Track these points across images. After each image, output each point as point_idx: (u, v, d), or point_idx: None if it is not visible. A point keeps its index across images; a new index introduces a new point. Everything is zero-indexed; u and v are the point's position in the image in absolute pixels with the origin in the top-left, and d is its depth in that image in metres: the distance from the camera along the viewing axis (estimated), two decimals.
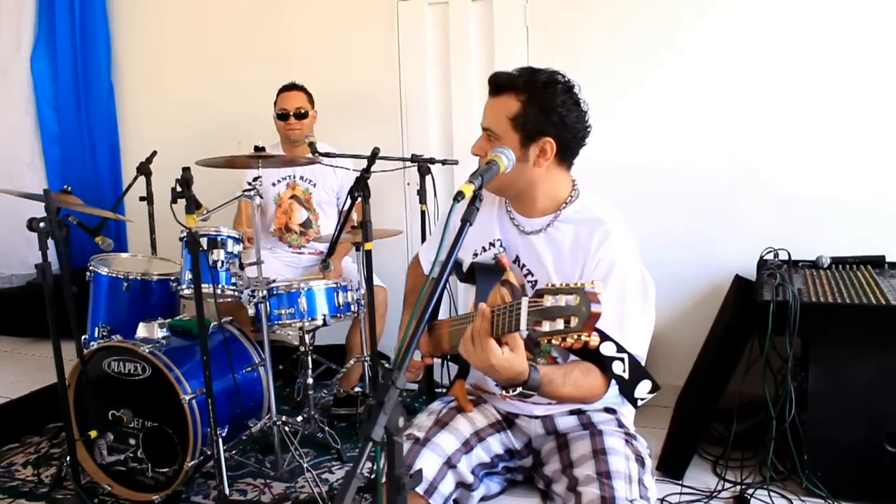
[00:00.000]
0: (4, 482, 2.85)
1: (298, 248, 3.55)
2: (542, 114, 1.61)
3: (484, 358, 1.37)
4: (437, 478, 1.57)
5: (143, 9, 4.39)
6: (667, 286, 3.34)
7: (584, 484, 1.52)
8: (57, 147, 4.64)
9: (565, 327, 1.22)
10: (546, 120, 1.62)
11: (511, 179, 1.65)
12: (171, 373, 2.54)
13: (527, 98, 1.61)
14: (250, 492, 2.73)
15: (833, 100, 3.07)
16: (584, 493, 1.49)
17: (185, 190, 2.29)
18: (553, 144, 1.64)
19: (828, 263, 2.92)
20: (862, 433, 2.44)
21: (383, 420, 1.13)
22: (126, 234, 4.53)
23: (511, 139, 1.62)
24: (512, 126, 1.62)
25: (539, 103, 1.61)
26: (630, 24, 3.32)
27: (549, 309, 1.25)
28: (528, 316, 1.28)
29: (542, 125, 1.62)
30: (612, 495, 1.47)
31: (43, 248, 2.32)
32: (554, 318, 1.24)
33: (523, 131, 1.62)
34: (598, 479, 1.52)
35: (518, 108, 1.61)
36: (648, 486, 1.57)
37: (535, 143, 1.64)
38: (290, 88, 3.49)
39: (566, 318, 1.23)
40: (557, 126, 1.63)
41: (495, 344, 1.36)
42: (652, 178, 3.36)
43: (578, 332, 1.21)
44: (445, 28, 3.63)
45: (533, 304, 1.28)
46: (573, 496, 1.51)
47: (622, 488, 1.50)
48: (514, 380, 1.41)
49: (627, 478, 1.54)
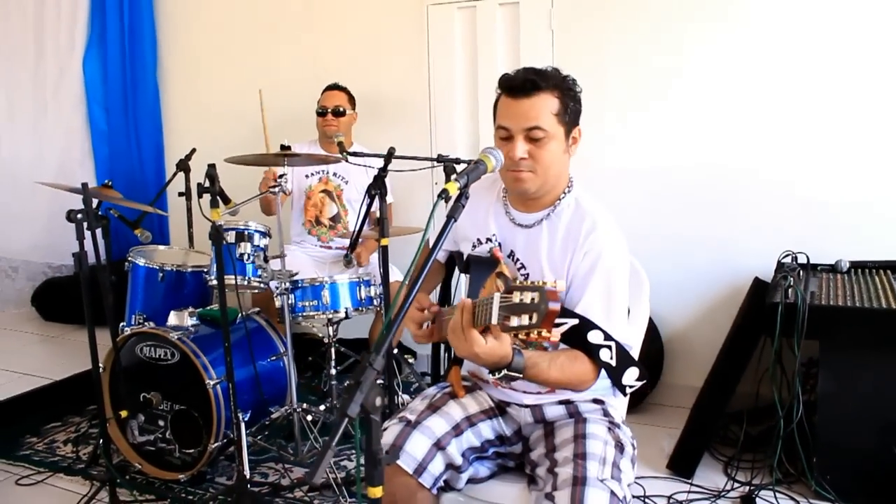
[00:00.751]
0: (46, 457, 3.03)
1: (327, 241, 3.66)
2: (575, 105, 1.73)
3: (468, 347, 1.45)
4: (426, 458, 1.66)
5: (187, 14, 4.58)
6: (688, 288, 3.39)
7: (561, 465, 1.59)
8: (105, 145, 4.86)
9: (529, 322, 1.30)
10: (578, 110, 1.74)
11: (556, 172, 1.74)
12: (197, 359, 2.68)
13: (561, 94, 1.70)
14: (271, 475, 2.85)
15: (855, 104, 3.05)
16: (560, 473, 1.57)
17: (211, 185, 2.41)
18: (580, 132, 1.77)
19: (847, 267, 2.90)
20: (871, 437, 2.44)
21: (360, 398, 1.21)
22: (168, 228, 4.72)
23: (559, 133, 1.71)
24: (557, 121, 1.70)
25: (571, 96, 1.72)
26: (653, 28, 3.34)
27: (517, 305, 1.33)
28: (499, 311, 1.36)
29: (576, 116, 1.74)
30: (584, 475, 1.54)
31: (80, 239, 2.47)
32: (520, 314, 1.32)
33: (565, 124, 1.72)
34: (574, 460, 1.59)
35: (559, 104, 1.70)
36: (623, 469, 1.63)
37: (573, 132, 1.75)
38: (332, 88, 3.62)
39: (529, 314, 1.30)
40: (580, 115, 1.76)
41: (478, 334, 1.44)
42: (674, 181, 3.38)
43: (538, 328, 1.29)
44: (473, 31, 3.70)
45: (504, 300, 1.36)
46: (552, 477, 1.58)
47: (594, 469, 1.57)
48: (497, 364, 1.50)
49: (602, 460, 1.61)
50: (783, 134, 3.18)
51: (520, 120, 1.68)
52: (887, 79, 3.00)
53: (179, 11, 4.61)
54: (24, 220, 5.17)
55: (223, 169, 2.77)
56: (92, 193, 2.54)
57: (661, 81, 3.37)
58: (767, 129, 3.21)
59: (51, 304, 5.01)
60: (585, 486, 1.52)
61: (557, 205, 1.78)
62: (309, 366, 3.88)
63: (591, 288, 1.66)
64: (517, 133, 1.69)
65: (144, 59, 4.65)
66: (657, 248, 3.32)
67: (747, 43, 3.20)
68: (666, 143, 3.39)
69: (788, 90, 3.16)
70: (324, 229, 3.65)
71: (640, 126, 3.42)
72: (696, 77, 3.31)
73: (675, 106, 3.36)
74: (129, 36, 4.66)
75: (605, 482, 1.54)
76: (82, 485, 2.80)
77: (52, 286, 5.03)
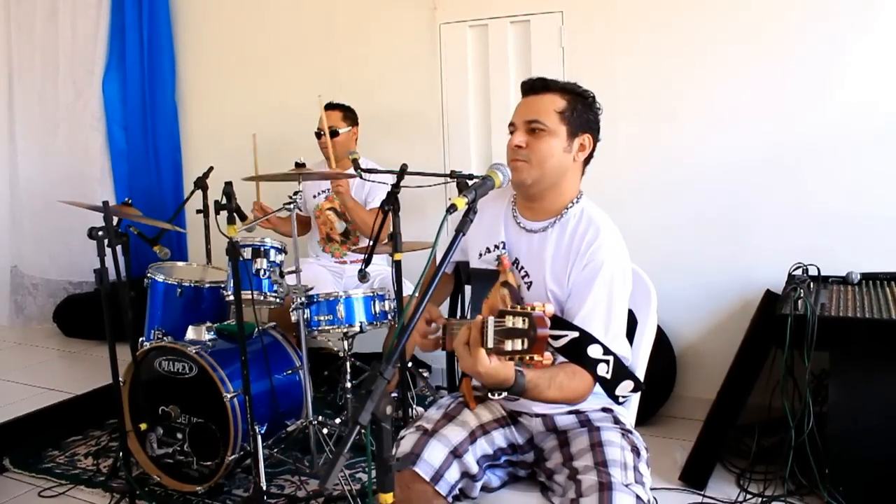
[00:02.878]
0: (67, 470, 3.09)
1: (340, 256, 3.71)
2: (586, 111, 1.78)
3: (472, 364, 1.47)
4: (443, 466, 1.69)
5: (205, 35, 4.68)
6: (699, 301, 3.41)
7: (583, 473, 1.62)
8: (125, 164, 4.96)
9: (522, 348, 1.31)
10: (588, 118, 1.79)
11: (553, 168, 1.78)
12: (215, 373, 2.73)
13: (571, 97, 1.77)
14: (287, 487, 2.89)
15: (866, 115, 3.07)
16: (584, 481, 1.59)
17: (227, 202, 2.47)
18: (591, 141, 1.81)
19: (858, 279, 2.91)
20: (884, 448, 2.44)
21: (370, 406, 1.26)
22: (187, 244, 4.80)
23: (559, 130, 1.76)
24: (560, 119, 1.76)
25: (582, 102, 1.78)
26: (664, 44, 3.38)
27: (508, 330, 1.34)
28: (494, 335, 1.38)
29: (585, 122, 1.79)
30: (609, 481, 1.57)
31: (101, 255, 2.53)
32: (513, 339, 1.34)
33: (569, 124, 1.77)
34: (596, 467, 1.62)
35: (565, 104, 1.77)
36: (643, 472, 1.67)
37: (579, 138, 1.79)
38: (326, 108, 3.64)
39: (522, 340, 1.32)
40: (593, 127, 1.81)
41: (484, 353, 1.44)
42: (685, 195, 3.40)
43: (529, 353, 1.30)
44: (485, 48, 3.76)
45: (497, 324, 1.37)
46: (573, 484, 1.61)
47: (618, 474, 1.60)
48: (499, 385, 1.52)
49: (623, 465, 1.64)
50: (794, 146, 3.19)
51: (524, 114, 1.79)
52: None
53: (197, 32, 4.71)
54: (45, 239, 5.28)
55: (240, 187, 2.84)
56: (112, 211, 2.61)
57: (673, 97, 3.40)
58: (778, 142, 3.22)
59: (72, 321, 5.09)
60: (612, 492, 1.55)
61: (564, 213, 1.82)
62: (325, 380, 3.93)
63: (590, 299, 1.69)
64: (520, 126, 1.78)
65: (163, 80, 4.75)
66: (669, 262, 3.35)
67: (757, 57, 3.22)
68: (677, 158, 3.42)
69: (799, 103, 3.17)
70: (336, 245, 3.71)
71: (652, 141, 3.46)
72: (706, 92, 3.33)
73: (687, 121, 3.39)
74: (148, 56, 4.76)
75: (630, 487, 1.58)
76: (103, 497, 2.86)
77: (73, 303, 5.12)
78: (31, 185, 5.31)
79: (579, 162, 1.82)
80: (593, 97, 1.83)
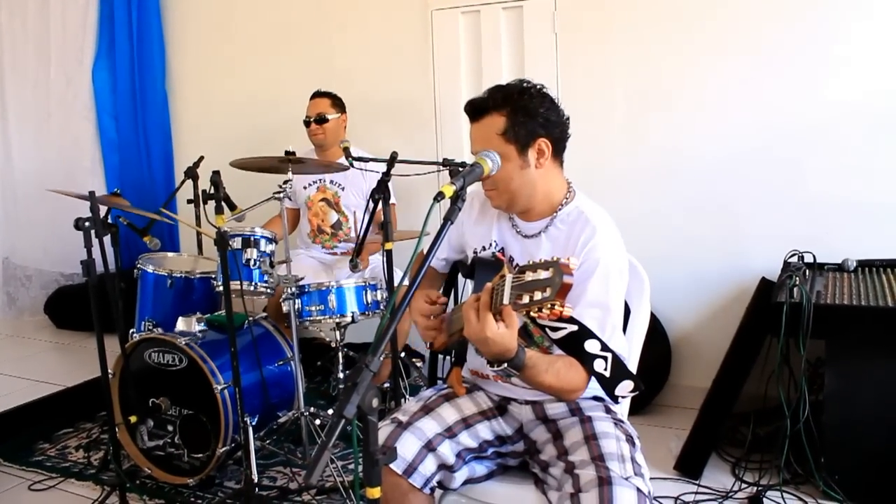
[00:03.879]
0: (58, 463, 3.07)
1: (331, 248, 3.68)
2: (529, 118, 1.71)
3: (480, 329, 1.46)
4: (416, 459, 1.67)
5: (195, 23, 4.63)
6: (695, 290, 3.39)
7: (581, 467, 1.59)
8: (115, 153, 4.91)
9: (541, 297, 1.33)
10: (534, 122, 1.71)
11: (519, 188, 1.75)
12: (205, 364, 2.70)
13: (509, 111, 1.71)
14: (280, 479, 2.87)
15: (862, 102, 3.04)
16: (582, 475, 1.56)
17: (216, 192, 2.44)
18: (548, 143, 1.74)
19: (854, 266, 2.89)
20: (880, 436, 2.42)
21: (356, 399, 1.23)
22: (178, 235, 4.76)
23: (508, 152, 1.71)
24: (504, 140, 1.71)
25: (522, 111, 1.71)
26: (658, 29, 3.35)
27: (528, 283, 1.37)
28: (511, 290, 1.40)
29: (531, 129, 1.72)
30: (609, 475, 1.54)
31: (88, 246, 2.49)
32: (532, 291, 1.35)
33: (516, 141, 1.72)
34: (594, 462, 1.59)
35: (504, 122, 1.71)
36: (640, 463, 1.64)
37: (532, 147, 1.73)
38: (314, 96, 3.62)
39: (542, 289, 1.33)
40: (545, 126, 1.73)
41: (492, 318, 1.45)
42: (680, 183, 3.38)
43: (552, 300, 1.31)
44: (477, 35, 3.72)
45: (515, 280, 1.40)
46: (570, 477, 1.58)
47: (617, 468, 1.57)
48: (501, 355, 1.50)
49: (620, 457, 1.61)
50: (789, 134, 3.17)
51: (472, 144, 1.77)
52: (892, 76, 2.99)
53: (187, 20, 4.66)
54: (37, 229, 5.24)
55: (231, 176, 2.80)
56: (100, 201, 2.57)
57: (667, 83, 3.37)
58: (774, 130, 3.20)
59: (63, 312, 5.06)
60: (612, 486, 1.52)
61: (558, 213, 1.80)
62: (317, 370, 3.90)
63: (587, 296, 1.66)
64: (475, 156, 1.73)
65: (153, 68, 4.70)
66: (664, 250, 3.33)
67: (752, 43, 3.19)
68: (671, 144, 3.39)
69: (794, 90, 3.15)
70: (326, 237, 3.68)
71: (646, 128, 3.43)
72: (701, 77, 3.31)
73: (681, 108, 3.36)
74: (138, 45, 4.71)
75: (629, 480, 1.55)
76: (93, 490, 2.83)
77: (65, 294, 5.09)
78: (24, 176, 5.27)
79: (545, 165, 1.76)
80: (537, 89, 1.75)
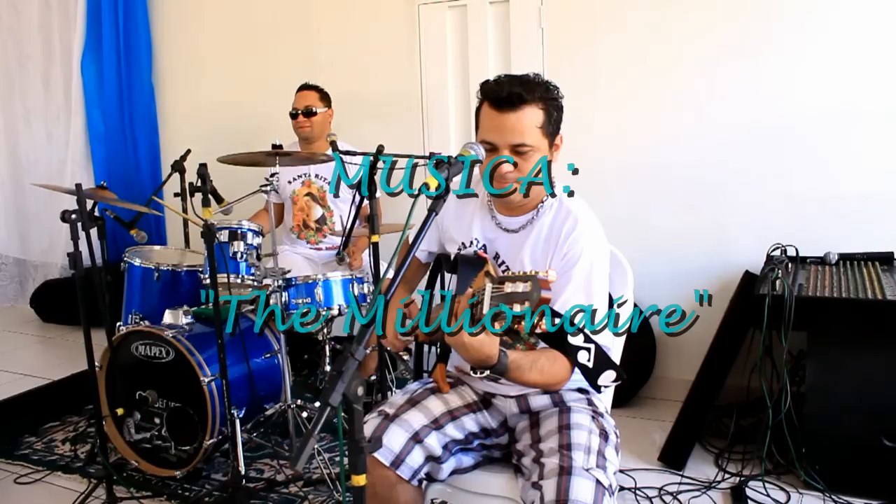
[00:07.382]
0: (44, 456, 3.07)
1: (316, 243, 3.69)
2: (559, 114, 1.75)
3: (458, 336, 1.46)
4: (403, 451, 1.68)
5: (181, 16, 4.62)
6: (679, 283, 3.40)
7: (547, 455, 1.61)
8: (103, 147, 4.89)
9: (520, 311, 1.32)
10: (559, 118, 1.76)
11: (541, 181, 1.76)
12: (192, 357, 2.70)
13: (546, 106, 1.72)
14: (267, 471, 2.88)
15: (844, 96, 3.07)
16: (546, 464, 1.58)
17: (202, 184, 2.44)
18: (562, 138, 1.79)
19: (835, 260, 2.93)
20: (859, 427, 2.46)
21: (341, 387, 1.24)
22: (165, 228, 4.76)
23: (542, 145, 1.73)
24: (542, 134, 1.72)
25: (555, 106, 1.74)
26: (644, 25, 3.37)
27: (508, 295, 1.35)
28: (491, 301, 1.38)
29: (558, 125, 1.76)
30: (570, 464, 1.56)
31: (74, 239, 2.49)
32: (511, 304, 1.34)
33: (549, 135, 1.75)
34: (560, 451, 1.61)
35: (543, 117, 1.71)
36: (608, 457, 1.65)
37: (556, 141, 1.78)
38: (301, 89, 3.63)
39: (521, 303, 1.33)
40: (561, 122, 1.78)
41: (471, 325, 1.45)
42: (664, 177, 3.40)
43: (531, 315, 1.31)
44: (464, 29, 3.73)
45: (495, 290, 1.38)
46: (537, 467, 1.60)
47: (580, 458, 1.59)
48: (483, 362, 1.50)
49: (587, 449, 1.63)
50: (773, 128, 3.20)
51: (506, 135, 1.70)
52: (875, 72, 3.03)
53: (173, 13, 4.64)
54: (24, 222, 5.25)
55: (219, 169, 2.80)
56: (86, 194, 2.56)
57: (652, 78, 3.39)
58: (757, 124, 3.22)
59: (49, 305, 5.03)
60: (571, 476, 1.54)
61: (541, 207, 1.81)
62: (304, 363, 3.91)
63: (569, 288, 1.69)
64: (503, 148, 1.70)
65: (139, 62, 4.69)
66: (648, 243, 3.35)
67: (737, 37, 3.22)
68: (656, 139, 3.42)
69: (776, 84, 3.17)
70: (311, 232, 3.68)
71: (630, 122, 3.45)
72: (686, 73, 3.33)
73: (666, 102, 3.38)
74: (124, 38, 4.69)
75: (590, 471, 1.56)
76: (80, 482, 2.83)
77: (51, 287, 5.06)
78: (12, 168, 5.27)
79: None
80: (556, 89, 1.76)
